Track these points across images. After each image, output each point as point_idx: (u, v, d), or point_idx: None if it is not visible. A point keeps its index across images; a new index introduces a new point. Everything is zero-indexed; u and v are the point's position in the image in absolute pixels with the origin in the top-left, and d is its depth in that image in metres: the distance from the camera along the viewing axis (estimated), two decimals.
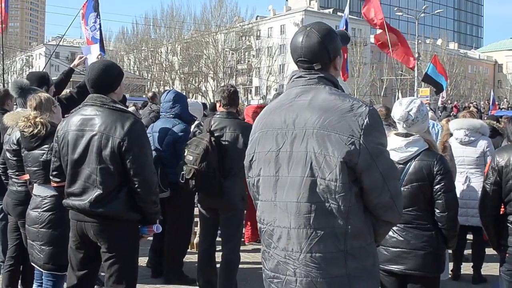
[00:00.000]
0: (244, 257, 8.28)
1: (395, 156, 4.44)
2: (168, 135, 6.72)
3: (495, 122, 9.39)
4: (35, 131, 5.07)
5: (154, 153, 6.76)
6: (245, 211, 6.71)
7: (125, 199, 4.29)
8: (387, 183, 2.80)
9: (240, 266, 7.76)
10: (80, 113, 4.44)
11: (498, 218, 4.55)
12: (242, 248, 8.61)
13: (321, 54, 2.91)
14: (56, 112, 5.34)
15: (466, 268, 7.60)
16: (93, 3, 11.53)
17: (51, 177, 4.76)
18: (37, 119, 5.12)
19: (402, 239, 4.39)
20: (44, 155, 5.06)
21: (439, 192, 4.35)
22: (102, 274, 4.95)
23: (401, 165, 4.43)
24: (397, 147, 4.47)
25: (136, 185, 4.26)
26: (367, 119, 2.73)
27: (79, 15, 11.84)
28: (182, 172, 6.01)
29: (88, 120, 4.34)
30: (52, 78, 7.22)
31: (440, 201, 4.35)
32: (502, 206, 4.56)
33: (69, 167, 4.39)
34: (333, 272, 2.75)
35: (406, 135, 4.50)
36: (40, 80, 6.56)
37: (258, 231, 3.09)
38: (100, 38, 11.34)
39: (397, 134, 4.58)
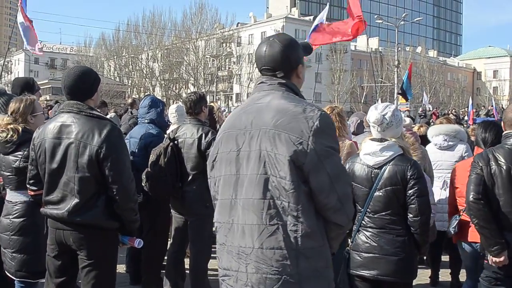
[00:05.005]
0: None
1: (370, 161, 4.55)
2: (141, 139, 6.76)
3: None
4: (8, 136, 5.01)
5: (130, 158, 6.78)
6: (212, 218, 6.72)
7: (103, 207, 4.25)
8: (335, 185, 2.88)
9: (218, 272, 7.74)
10: (56, 120, 4.38)
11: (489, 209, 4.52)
12: None
13: (283, 63, 3.06)
14: (34, 121, 5.16)
15: (444, 274, 7.64)
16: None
17: (28, 185, 4.67)
18: (10, 125, 5.06)
19: (375, 244, 4.46)
20: (17, 162, 5.00)
21: (413, 197, 4.42)
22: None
23: (376, 170, 4.52)
24: (372, 151, 4.55)
25: (115, 192, 4.23)
26: (317, 122, 2.85)
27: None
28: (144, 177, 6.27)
29: (65, 127, 4.29)
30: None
31: (413, 206, 4.42)
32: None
33: (46, 175, 4.33)
34: (283, 270, 2.82)
35: (381, 140, 4.57)
36: (25, 85, 6.51)
37: (215, 230, 3.18)
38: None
39: (372, 140, 4.64)
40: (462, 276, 7.42)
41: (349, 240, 4.81)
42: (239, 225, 2.94)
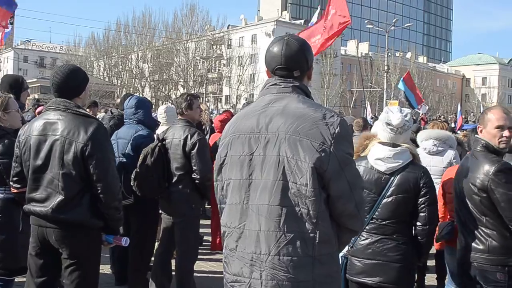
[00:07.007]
0: (210, 265, 8.25)
1: (381, 166, 4.44)
2: (131, 140, 6.68)
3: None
4: None
5: (118, 159, 6.72)
6: (199, 219, 6.74)
7: (87, 205, 4.22)
8: (353, 192, 2.86)
9: (207, 275, 7.73)
10: (43, 118, 4.36)
11: None
12: (208, 257, 8.62)
13: (301, 62, 3.01)
14: (7, 118, 5.10)
15: (430, 279, 7.66)
16: None
17: (11, 183, 4.64)
18: None
19: (378, 250, 4.37)
20: None
21: (423, 205, 4.36)
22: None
23: (386, 176, 4.43)
24: (384, 157, 4.44)
25: (99, 191, 4.20)
26: (338, 128, 2.81)
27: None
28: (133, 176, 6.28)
29: (51, 124, 4.27)
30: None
31: (422, 214, 4.35)
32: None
33: (30, 172, 4.30)
34: (299, 276, 2.78)
35: (394, 145, 4.48)
36: (14, 83, 6.47)
37: (222, 235, 3.09)
38: None
39: (383, 144, 4.53)
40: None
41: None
42: (252, 231, 2.87)
